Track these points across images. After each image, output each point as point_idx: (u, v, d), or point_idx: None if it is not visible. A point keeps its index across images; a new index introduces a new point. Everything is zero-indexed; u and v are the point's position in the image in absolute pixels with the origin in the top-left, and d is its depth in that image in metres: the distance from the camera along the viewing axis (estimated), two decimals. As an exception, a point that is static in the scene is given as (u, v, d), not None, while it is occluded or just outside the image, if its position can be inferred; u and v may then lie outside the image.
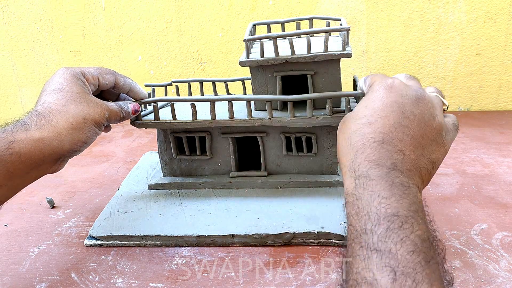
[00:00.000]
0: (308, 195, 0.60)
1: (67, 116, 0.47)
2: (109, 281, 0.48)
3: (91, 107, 0.50)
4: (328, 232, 0.52)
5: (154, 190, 0.64)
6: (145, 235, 0.54)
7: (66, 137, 0.47)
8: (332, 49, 0.55)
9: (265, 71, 0.57)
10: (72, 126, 0.47)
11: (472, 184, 0.64)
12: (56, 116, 0.47)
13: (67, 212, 0.63)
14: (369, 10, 0.94)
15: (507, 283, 0.44)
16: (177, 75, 1.05)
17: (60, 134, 0.46)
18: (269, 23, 0.66)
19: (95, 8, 1.01)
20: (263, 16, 0.97)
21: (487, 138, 0.81)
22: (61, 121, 0.47)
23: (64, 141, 0.46)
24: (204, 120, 0.58)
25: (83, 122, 0.48)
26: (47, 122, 0.46)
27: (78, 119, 0.48)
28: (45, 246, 0.55)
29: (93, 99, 0.51)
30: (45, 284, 0.48)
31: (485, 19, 0.91)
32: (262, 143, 0.61)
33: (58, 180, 0.74)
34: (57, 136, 0.46)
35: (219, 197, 0.61)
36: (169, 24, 1.00)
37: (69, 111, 0.48)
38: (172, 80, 0.69)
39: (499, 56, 0.94)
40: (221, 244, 0.53)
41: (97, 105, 0.51)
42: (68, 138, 0.47)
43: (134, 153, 0.84)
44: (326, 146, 0.60)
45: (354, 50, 0.96)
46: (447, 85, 0.97)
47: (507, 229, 0.53)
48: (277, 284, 0.46)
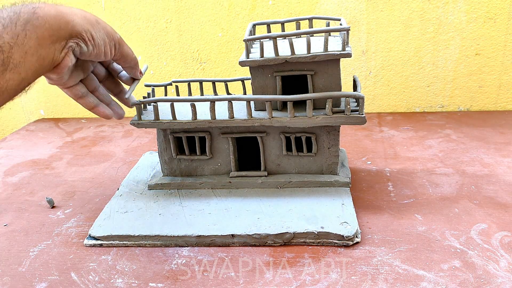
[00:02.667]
0: (308, 195, 0.60)
1: (82, 11, 0.49)
2: (109, 281, 0.48)
3: (105, 22, 0.52)
4: (328, 232, 0.52)
5: (154, 190, 0.64)
6: (145, 235, 0.54)
7: (79, 19, 0.47)
8: (332, 49, 0.55)
9: (265, 71, 0.57)
10: (85, 17, 0.49)
11: (472, 184, 0.64)
12: (72, 8, 0.49)
13: (67, 212, 0.63)
14: (369, 10, 0.94)
15: (507, 283, 0.44)
16: (177, 75, 1.05)
17: (74, 15, 0.47)
18: (269, 23, 0.66)
19: (95, 8, 1.01)
20: (263, 16, 0.97)
21: (487, 138, 0.81)
22: (76, 9, 0.49)
23: (77, 21, 0.47)
24: (204, 120, 0.58)
25: (95, 21, 0.50)
26: (66, 6, 0.48)
27: (91, 17, 0.50)
28: (45, 246, 0.55)
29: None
30: (45, 284, 0.48)
31: (484, 19, 0.91)
32: (262, 143, 0.61)
33: (58, 180, 0.74)
34: (72, 14, 0.47)
35: (219, 197, 0.61)
36: (169, 24, 1.00)
37: (85, 12, 0.50)
38: (172, 80, 0.69)
39: (499, 56, 0.94)
40: (221, 244, 0.53)
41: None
42: (79, 21, 0.47)
43: (134, 153, 0.84)
44: (326, 146, 0.60)
45: (354, 50, 0.97)
46: (447, 85, 0.97)
47: (507, 229, 0.53)
48: (277, 284, 0.46)
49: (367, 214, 0.58)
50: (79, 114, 1.11)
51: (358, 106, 0.57)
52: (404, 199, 0.61)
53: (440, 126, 0.89)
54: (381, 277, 0.46)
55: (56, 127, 1.03)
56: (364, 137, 0.85)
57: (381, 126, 0.91)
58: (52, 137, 0.96)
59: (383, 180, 0.67)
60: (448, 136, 0.83)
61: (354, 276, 0.47)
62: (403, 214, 0.57)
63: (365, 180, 0.67)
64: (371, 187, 0.65)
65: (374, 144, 0.82)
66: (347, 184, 0.61)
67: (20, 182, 0.74)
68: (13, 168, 0.80)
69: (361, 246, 0.51)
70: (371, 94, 1.00)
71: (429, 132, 0.86)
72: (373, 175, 0.69)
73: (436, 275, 0.46)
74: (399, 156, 0.75)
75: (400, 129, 0.89)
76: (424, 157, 0.74)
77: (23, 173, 0.77)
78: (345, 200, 0.58)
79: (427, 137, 0.83)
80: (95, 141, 0.92)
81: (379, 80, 0.99)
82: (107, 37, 0.51)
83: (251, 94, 0.59)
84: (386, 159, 0.75)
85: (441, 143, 0.80)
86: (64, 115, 1.11)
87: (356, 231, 0.52)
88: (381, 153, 0.77)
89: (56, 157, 0.84)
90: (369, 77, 0.99)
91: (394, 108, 1.01)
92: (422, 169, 0.70)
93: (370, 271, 0.47)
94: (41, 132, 0.99)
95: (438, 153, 0.76)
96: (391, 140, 0.83)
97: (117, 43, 0.53)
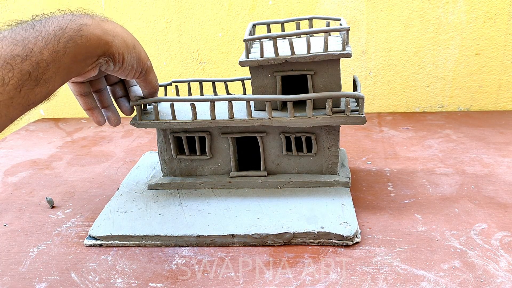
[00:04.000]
0: (308, 195, 0.60)
1: (124, 32, 0.50)
2: (109, 281, 0.48)
3: (142, 47, 0.53)
4: (328, 232, 0.52)
5: (154, 190, 0.64)
6: (145, 235, 0.54)
7: (118, 41, 0.48)
8: (332, 49, 0.55)
9: (265, 71, 0.57)
10: (125, 40, 0.49)
11: (472, 184, 0.64)
12: (116, 26, 0.49)
13: (67, 212, 0.63)
14: (369, 10, 0.94)
15: (507, 283, 0.44)
16: (177, 75, 1.05)
17: (115, 35, 0.47)
18: (269, 23, 0.66)
19: (95, 8, 1.01)
20: (262, 16, 0.97)
21: (487, 138, 0.81)
22: (119, 28, 0.49)
23: (115, 43, 0.47)
24: (204, 120, 0.58)
25: (132, 46, 0.50)
26: (110, 22, 0.48)
27: (131, 40, 0.50)
28: (44, 246, 0.55)
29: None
30: (45, 284, 0.48)
31: (484, 19, 0.91)
32: (262, 143, 0.61)
33: (57, 180, 0.74)
34: (113, 36, 0.47)
35: (219, 197, 0.61)
36: (169, 24, 1.00)
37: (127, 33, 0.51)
38: (172, 80, 0.69)
39: (499, 56, 0.94)
40: (221, 244, 0.53)
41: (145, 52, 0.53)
42: (118, 43, 0.48)
43: (133, 153, 0.84)
44: (326, 146, 0.60)
45: (354, 50, 0.96)
46: (447, 85, 0.97)
47: (507, 229, 0.53)
48: (277, 284, 0.46)
49: (367, 214, 0.58)
50: (79, 114, 1.11)
51: (358, 106, 0.57)
52: (404, 199, 0.61)
53: (440, 126, 0.89)
54: (381, 277, 0.46)
55: (56, 127, 1.03)
56: (364, 137, 0.85)
57: (381, 126, 0.91)
58: (52, 137, 0.96)
59: (383, 180, 0.67)
60: (448, 136, 0.83)
61: (354, 276, 0.47)
62: (403, 214, 0.57)
63: (365, 180, 0.67)
64: (371, 187, 0.65)
65: (374, 144, 0.82)
66: (347, 184, 0.61)
67: (20, 182, 0.74)
68: (13, 168, 0.80)
69: (361, 246, 0.51)
70: (371, 94, 1.00)
71: (429, 132, 0.86)
72: (373, 175, 0.69)
73: (436, 275, 0.46)
74: (399, 156, 0.75)
75: (400, 129, 0.89)
76: (424, 157, 0.75)
77: (23, 173, 0.77)
78: (345, 200, 0.58)
79: (427, 137, 0.83)
80: (95, 141, 0.92)
81: (379, 80, 0.99)
82: (137, 63, 0.51)
83: (251, 94, 0.59)
84: (386, 159, 0.75)
85: (441, 143, 0.80)
86: (64, 115, 1.11)
87: (356, 231, 0.52)
88: (381, 153, 0.77)
89: (56, 157, 0.84)
90: (369, 77, 0.99)
91: (394, 108, 1.01)
92: (422, 169, 0.70)
93: (370, 271, 0.47)
94: (41, 132, 0.99)
95: (438, 153, 0.76)
96: (391, 140, 0.83)
97: (144, 70, 0.53)
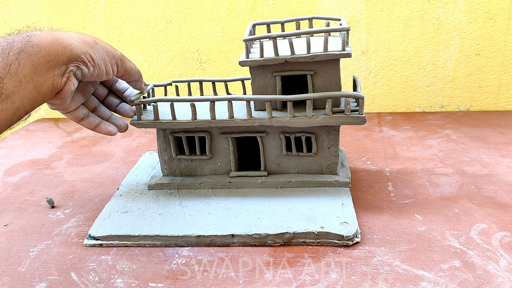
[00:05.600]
0: (308, 195, 0.60)
1: (79, 34, 0.49)
2: (109, 281, 0.48)
3: (104, 42, 0.52)
4: (328, 232, 0.52)
5: (153, 190, 0.64)
6: (145, 235, 0.54)
7: (76, 42, 0.48)
8: (332, 49, 0.55)
9: (265, 71, 0.57)
10: (83, 39, 0.49)
11: (472, 184, 0.65)
12: (68, 32, 0.49)
13: (67, 212, 0.63)
14: (369, 10, 0.94)
15: (507, 283, 0.44)
16: (177, 75, 1.05)
17: (71, 38, 0.47)
18: (269, 23, 0.66)
19: (95, 8, 1.01)
20: (262, 16, 0.97)
21: (486, 138, 0.81)
22: (73, 33, 0.49)
23: (74, 45, 0.47)
24: (204, 120, 0.58)
25: (93, 43, 0.50)
26: (61, 30, 0.48)
27: (89, 38, 0.50)
28: (44, 246, 0.55)
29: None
30: (45, 284, 0.48)
31: (484, 19, 0.91)
32: (262, 143, 0.61)
33: (57, 180, 0.74)
34: (69, 38, 0.47)
35: (219, 197, 0.61)
36: (169, 24, 1.00)
37: (83, 34, 0.50)
38: (171, 80, 0.69)
39: (499, 56, 0.94)
40: (221, 244, 0.53)
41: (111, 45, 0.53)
42: (77, 44, 0.48)
43: (133, 153, 0.84)
44: (326, 146, 0.60)
45: (354, 50, 0.97)
46: (446, 85, 0.97)
47: (507, 229, 0.53)
48: (276, 284, 0.46)
49: (367, 214, 0.58)
50: (79, 114, 1.10)
51: (358, 106, 0.57)
52: (404, 199, 0.61)
53: (440, 126, 0.89)
54: (381, 277, 0.46)
55: (56, 127, 1.03)
56: (364, 137, 0.85)
57: (381, 126, 0.91)
58: (52, 137, 0.96)
59: (383, 180, 0.67)
60: (448, 136, 0.83)
61: (354, 276, 0.47)
62: (403, 214, 0.57)
63: (365, 180, 0.67)
64: (371, 187, 0.65)
65: (374, 144, 0.82)
66: (347, 184, 0.61)
67: (20, 182, 0.74)
68: (13, 168, 0.80)
69: (361, 246, 0.51)
70: (371, 94, 1.00)
71: (429, 132, 0.86)
72: (373, 175, 0.69)
73: (436, 275, 0.46)
74: (399, 156, 0.75)
75: (400, 129, 0.89)
76: (424, 157, 0.75)
77: (23, 173, 0.77)
78: (345, 200, 0.58)
79: (427, 137, 0.83)
80: (95, 141, 0.92)
81: (379, 80, 0.99)
82: (107, 56, 0.51)
83: (251, 94, 0.59)
84: (386, 159, 0.75)
85: (441, 143, 0.80)
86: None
87: (356, 231, 0.52)
88: (381, 153, 0.77)
89: (56, 157, 0.84)
90: (369, 77, 0.99)
91: (394, 108, 1.01)
92: (422, 169, 0.70)
93: (370, 271, 0.47)
94: (41, 132, 0.99)
95: (438, 153, 0.76)
96: (391, 140, 0.83)
97: (118, 60, 0.53)
